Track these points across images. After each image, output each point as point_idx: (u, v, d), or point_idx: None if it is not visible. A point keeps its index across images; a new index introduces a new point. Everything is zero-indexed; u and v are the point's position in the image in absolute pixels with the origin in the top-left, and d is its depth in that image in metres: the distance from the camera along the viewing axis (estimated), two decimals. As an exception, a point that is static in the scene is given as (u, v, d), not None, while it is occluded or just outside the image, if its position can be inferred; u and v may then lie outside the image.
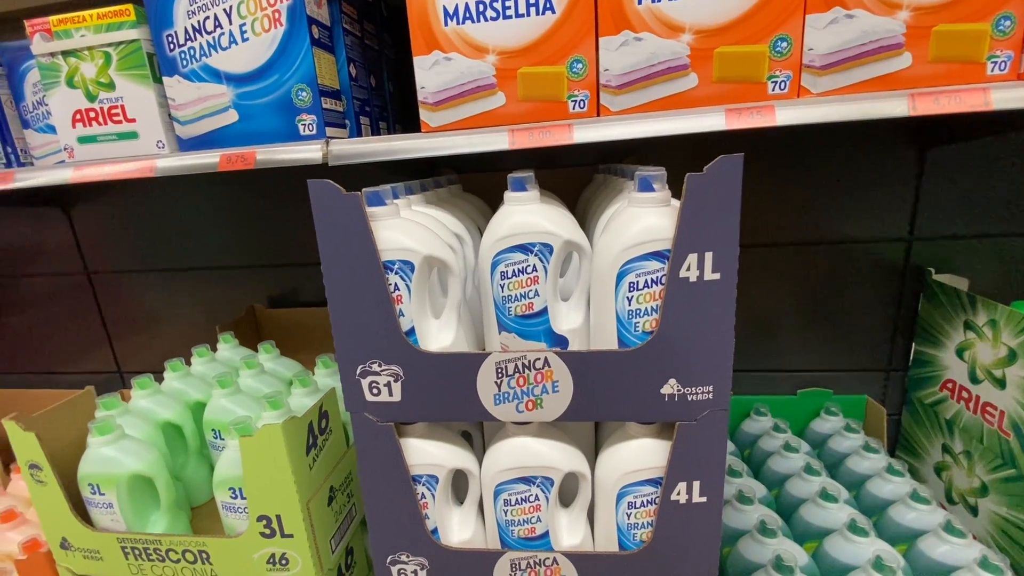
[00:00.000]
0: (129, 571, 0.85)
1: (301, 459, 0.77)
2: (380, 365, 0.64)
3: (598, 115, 0.70)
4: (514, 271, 0.65)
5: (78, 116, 0.80)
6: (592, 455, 0.74)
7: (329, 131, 0.78)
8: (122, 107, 0.78)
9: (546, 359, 0.61)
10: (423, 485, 0.71)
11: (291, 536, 0.78)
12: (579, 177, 1.12)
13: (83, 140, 0.81)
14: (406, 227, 0.62)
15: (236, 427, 0.79)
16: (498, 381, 0.63)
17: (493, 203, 0.96)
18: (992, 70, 0.65)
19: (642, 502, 0.68)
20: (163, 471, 0.85)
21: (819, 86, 0.68)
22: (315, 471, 0.81)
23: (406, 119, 1.15)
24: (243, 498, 0.79)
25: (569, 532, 0.72)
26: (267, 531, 0.78)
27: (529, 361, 0.62)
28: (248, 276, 1.51)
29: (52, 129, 0.92)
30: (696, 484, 0.64)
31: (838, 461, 1.13)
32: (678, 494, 0.65)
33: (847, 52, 0.66)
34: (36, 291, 1.62)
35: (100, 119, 0.79)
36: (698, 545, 0.67)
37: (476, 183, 1.11)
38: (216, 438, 0.97)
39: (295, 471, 0.75)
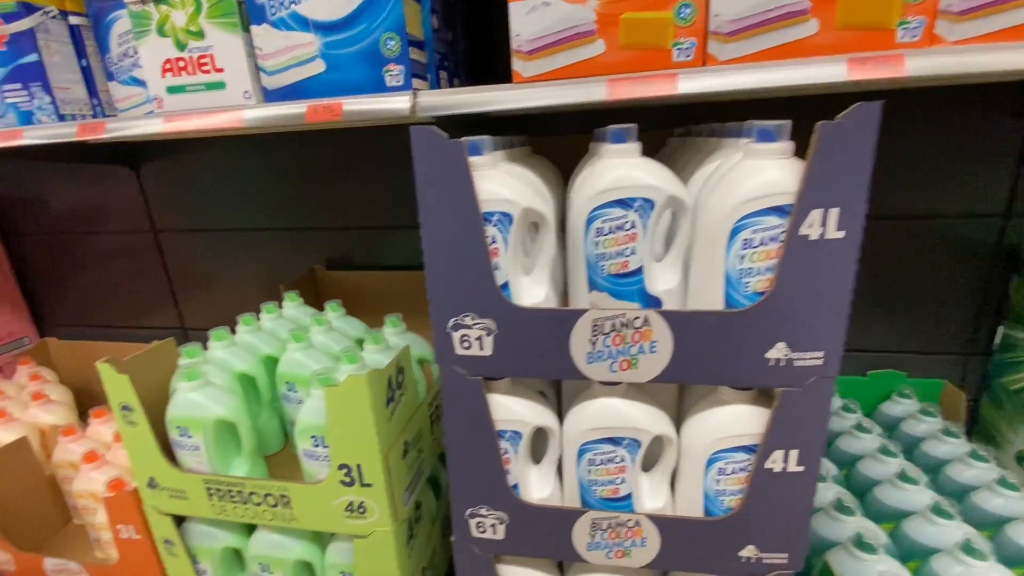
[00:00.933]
0: (212, 511, 0.89)
1: (381, 410, 0.78)
2: (473, 319, 0.63)
3: (704, 65, 0.66)
4: (611, 227, 0.63)
5: (168, 66, 0.80)
6: (674, 418, 0.72)
7: (415, 83, 0.77)
8: (211, 56, 0.78)
9: (646, 318, 0.60)
10: (506, 441, 0.71)
11: (370, 485, 0.80)
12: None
13: (172, 90, 0.82)
14: (505, 179, 0.61)
15: (320, 378, 0.80)
16: (593, 339, 0.62)
17: (561, 166, 0.94)
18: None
19: (733, 469, 0.66)
20: (246, 418, 0.87)
21: (955, 33, 0.62)
22: (392, 424, 0.82)
23: (475, 78, 1.13)
24: (325, 446, 0.81)
25: (651, 495, 0.71)
26: (347, 479, 0.80)
27: (628, 320, 0.60)
28: (306, 238, 1.53)
29: (136, 81, 0.93)
30: (794, 453, 0.62)
31: (912, 444, 1.09)
32: (773, 462, 0.63)
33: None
34: (105, 248, 1.68)
35: (189, 69, 0.80)
36: (789, 515, 0.65)
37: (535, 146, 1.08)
38: (290, 390, 0.99)
39: (376, 422, 0.76)
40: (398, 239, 1.49)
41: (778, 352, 0.58)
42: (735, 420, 0.65)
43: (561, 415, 0.72)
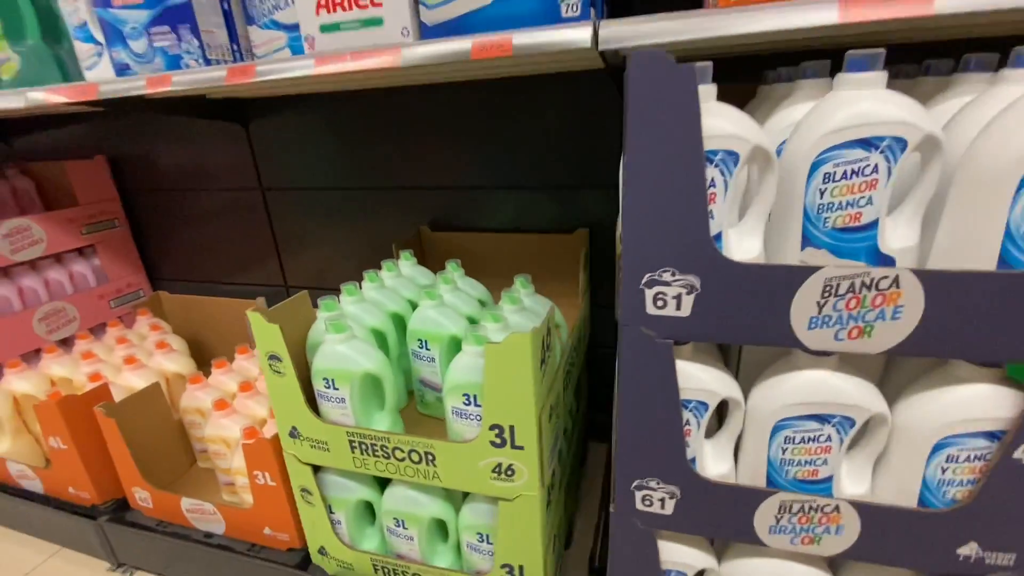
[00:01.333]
0: (352, 463, 0.89)
1: (538, 371, 0.74)
2: (674, 274, 0.57)
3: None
4: (845, 172, 0.54)
5: (322, 2, 0.76)
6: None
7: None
8: None
9: (896, 278, 0.51)
10: (689, 411, 0.65)
11: (521, 448, 0.77)
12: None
13: (325, 28, 0.78)
14: (731, 112, 0.53)
15: (475, 336, 0.77)
16: (822, 302, 0.54)
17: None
18: None
19: (967, 456, 0.58)
20: (390, 373, 0.86)
21: None
22: (542, 386, 0.78)
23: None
24: (477, 405, 0.78)
25: (853, 479, 0.64)
26: (498, 440, 0.77)
27: (872, 279, 0.52)
28: (405, 198, 1.50)
29: (277, 25, 0.90)
30: (1056, 442, 0.53)
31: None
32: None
33: None
34: (212, 205, 1.72)
35: (345, 5, 0.75)
36: (1032, 512, 0.57)
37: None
38: (421, 347, 0.97)
39: (535, 382, 0.72)
40: (496, 200, 1.43)
41: (1066, 323, 0.49)
42: (976, 401, 0.56)
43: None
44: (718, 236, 0.57)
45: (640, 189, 0.55)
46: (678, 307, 0.58)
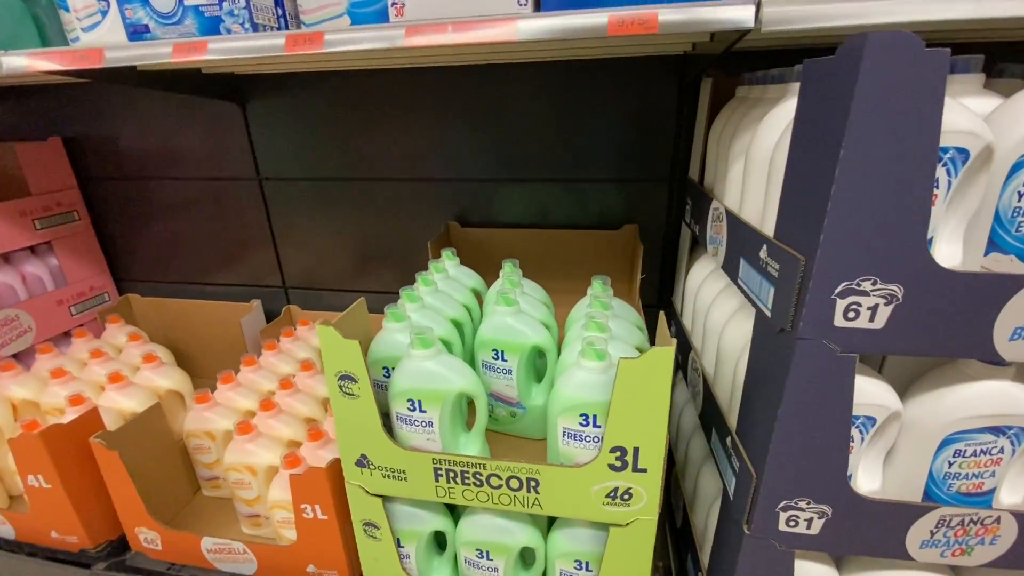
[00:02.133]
0: (435, 493, 0.79)
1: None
2: (875, 283, 0.52)
3: None
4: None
5: (422, -40, 0.65)
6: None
7: (733, -8, 0.62)
8: None
9: (1119, 287, 0.48)
10: (857, 428, 0.61)
11: (644, 471, 0.70)
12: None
13: None
14: (962, 106, 0.48)
15: (594, 350, 0.69)
16: (1032, 311, 0.51)
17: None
18: None
19: None
20: (483, 391, 0.76)
21: None
22: (663, 402, 0.71)
23: None
24: (596, 426, 0.70)
25: (1012, 488, 0.62)
26: (618, 463, 0.70)
27: (1093, 288, 0.49)
28: (428, 191, 1.38)
29: (334, -13, 0.77)
30: None
31: None
32: None
33: None
34: (193, 194, 1.52)
35: (451, -35, 0.64)
36: None
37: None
38: (497, 358, 0.88)
39: (669, 399, 0.66)
40: (526, 193, 1.34)
41: None
42: None
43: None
44: (930, 241, 0.52)
45: (855, 188, 0.49)
46: (871, 319, 0.53)
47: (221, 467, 1.15)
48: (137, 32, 0.76)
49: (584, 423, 0.71)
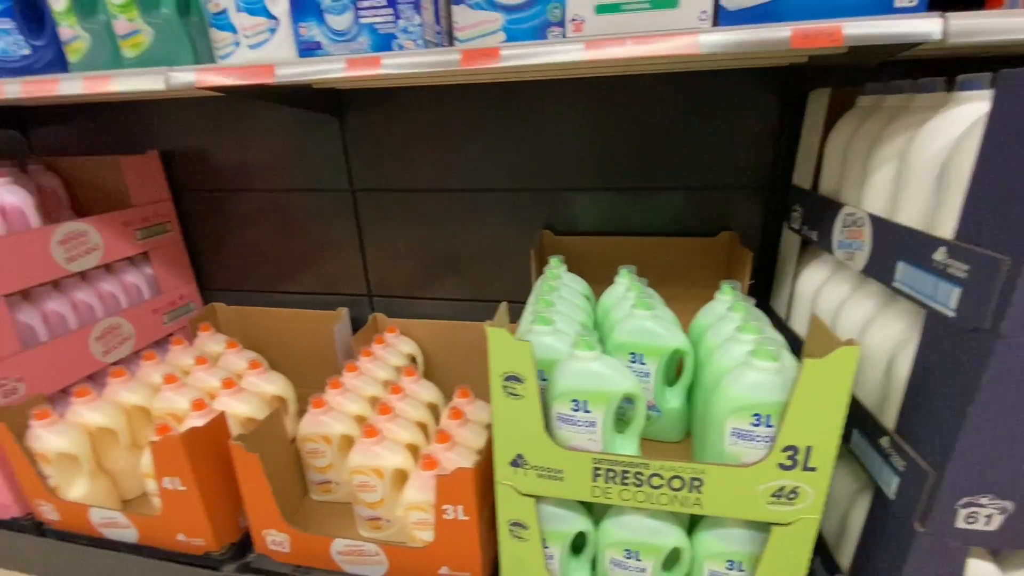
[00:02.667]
0: (591, 493, 0.80)
1: (845, 387, 0.69)
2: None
3: None
4: None
5: (607, -21, 0.68)
6: None
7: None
8: None
9: None
10: (1049, 420, 0.62)
11: (813, 469, 0.72)
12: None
13: (602, 9, 0.69)
14: None
15: (766, 351, 0.71)
16: None
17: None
18: None
19: None
20: (642, 392, 0.78)
21: None
22: (828, 402, 0.73)
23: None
24: (768, 426, 0.72)
25: None
26: (788, 462, 0.72)
27: None
28: (516, 201, 1.41)
29: (492, 6, 0.80)
30: None
31: None
32: None
33: None
34: (279, 205, 1.56)
35: (635, -17, 0.68)
36: None
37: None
38: (635, 361, 0.90)
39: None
40: (617, 202, 1.37)
41: None
42: None
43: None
44: None
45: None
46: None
47: (336, 471, 1.17)
48: (309, 49, 0.80)
49: (756, 423, 0.72)
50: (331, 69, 0.78)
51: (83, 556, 1.13)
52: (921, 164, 0.72)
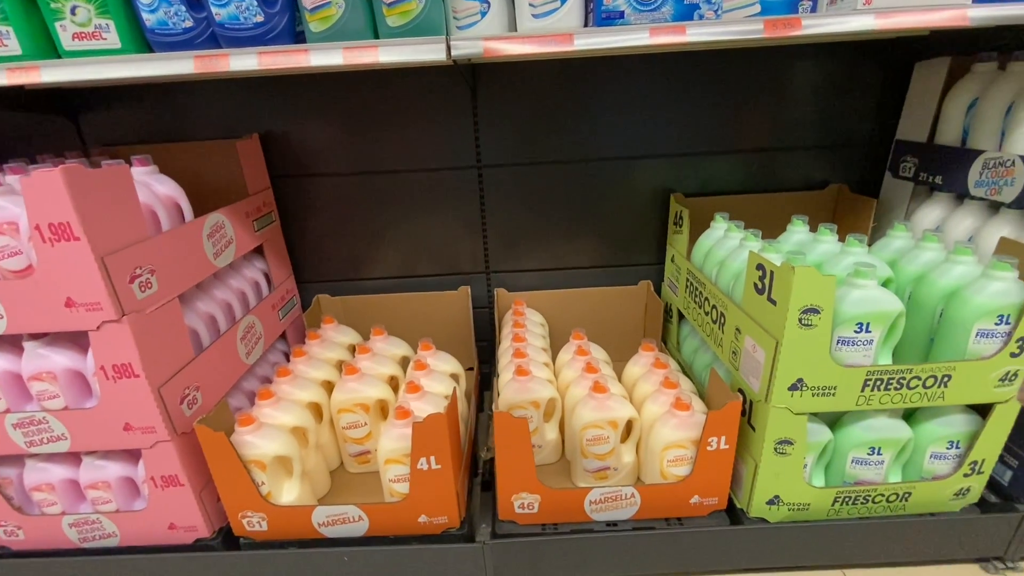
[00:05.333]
0: (855, 403, 0.95)
1: (1060, 287, 0.89)
2: None
3: None
4: None
5: (901, -42, 0.79)
6: None
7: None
8: None
9: None
10: None
11: (1033, 354, 0.92)
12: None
13: None
14: None
15: (1005, 263, 0.89)
16: None
17: None
18: None
19: None
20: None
21: None
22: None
23: None
24: (1007, 323, 0.91)
25: None
26: (1017, 350, 0.91)
27: None
28: (633, 168, 1.50)
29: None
30: None
31: None
32: None
33: None
34: (390, 188, 1.51)
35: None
36: None
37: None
38: (861, 331, 1.02)
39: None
40: (723, 164, 1.51)
41: None
42: None
43: None
44: None
45: None
46: None
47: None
48: (611, 18, 0.83)
49: (999, 322, 0.91)
50: (632, 38, 0.82)
51: (305, 560, 1.07)
52: (1088, 113, 0.94)
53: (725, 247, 1.20)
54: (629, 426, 1.14)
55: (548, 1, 0.84)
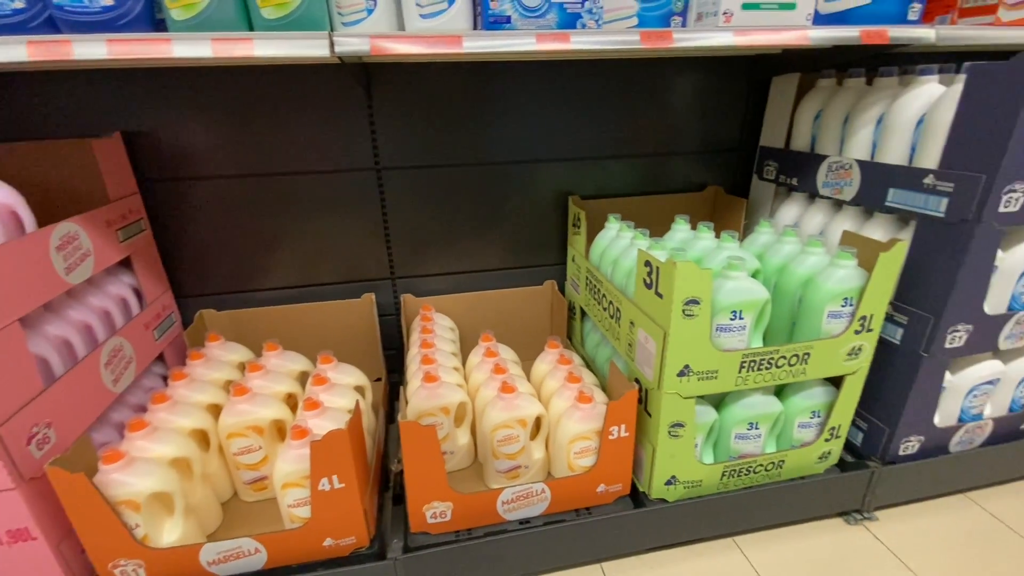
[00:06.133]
0: (734, 383, 1.05)
1: (888, 273, 1.05)
2: (1020, 184, 0.96)
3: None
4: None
5: (751, -17, 0.88)
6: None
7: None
8: None
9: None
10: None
11: (871, 331, 1.07)
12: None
13: (747, 7, 0.88)
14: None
15: (848, 253, 1.02)
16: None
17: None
18: None
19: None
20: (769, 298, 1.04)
21: None
22: (869, 285, 1.09)
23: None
24: (850, 305, 1.04)
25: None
26: (859, 328, 1.06)
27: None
28: (532, 171, 1.54)
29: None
30: None
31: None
32: None
33: None
34: (311, 189, 1.41)
35: (776, -11, 0.89)
36: None
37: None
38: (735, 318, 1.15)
39: (893, 279, 1.04)
40: (614, 168, 1.61)
41: None
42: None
43: None
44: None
45: (1018, 139, 0.91)
46: (1014, 206, 0.98)
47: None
48: (498, 22, 0.83)
49: (844, 304, 1.04)
50: (520, 43, 0.84)
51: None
52: (901, 123, 1.11)
53: (618, 246, 1.27)
54: (538, 423, 1.16)
55: (436, 2, 0.84)
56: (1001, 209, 0.98)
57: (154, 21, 0.80)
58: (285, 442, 1.00)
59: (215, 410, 1.13)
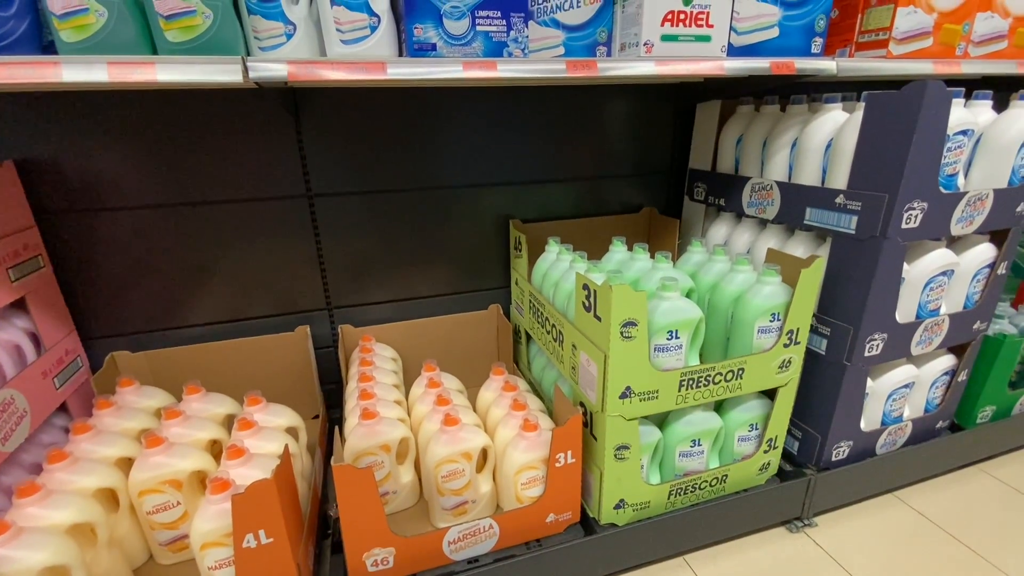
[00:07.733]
0: (675, 402, 1.06)
1: (810, 289, 1.10)
2: (918, 203, 1.04)
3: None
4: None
5: (668, 17, 0.91)
6: None
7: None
8: (707, 13, 0.92)
9: (988, 193, 1.11)
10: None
11: (799, 343, 1.12)
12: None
13: (665, 38, 0.91)
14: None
15: (772, 271, 1.07)
16: None
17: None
18: None
19: (982, 278, 1.23)
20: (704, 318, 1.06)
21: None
22: (794, 300, 1.14)
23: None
24: (778, 320, 1.08)
25: (942, 305, 1.24)
26: (788, 341, 1.10)
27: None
28: (473, 196, 1.54)
29: (556, 24, 0.97)
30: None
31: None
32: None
33: None
34: (238, 219, 1.33)
35: (687, 22, 0.92)
36: (997, 297, 1.26)
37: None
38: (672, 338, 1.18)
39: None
40: (559, 191, 1.63)
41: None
42: (984, 251, 1.22)
43: None
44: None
45: (914, 162, 0.99)
46: (914, 222, 1.06)
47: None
48: (423, 49, 0.82)
49: (772, 320, 1.08)
50: (447, 71, 0.83)
51: None
52: (812, 147, 1.19)
53: (558, 269, 1.28)
54: (484, 454, 1.12)
55: (357, 28, 0.81)
56: (903, 225, 1.05)
57: (41, 44, 0.73)
58: (204, 497, 0.91)
59: (126, 464, 1.02)
